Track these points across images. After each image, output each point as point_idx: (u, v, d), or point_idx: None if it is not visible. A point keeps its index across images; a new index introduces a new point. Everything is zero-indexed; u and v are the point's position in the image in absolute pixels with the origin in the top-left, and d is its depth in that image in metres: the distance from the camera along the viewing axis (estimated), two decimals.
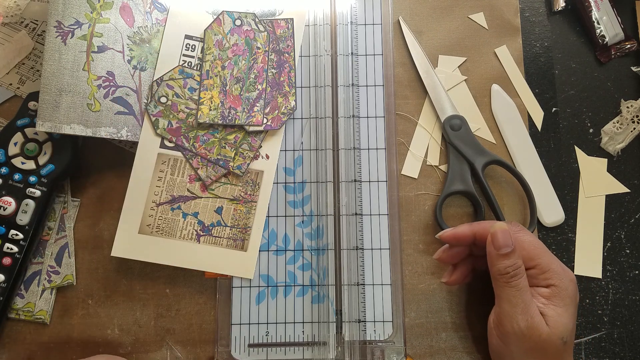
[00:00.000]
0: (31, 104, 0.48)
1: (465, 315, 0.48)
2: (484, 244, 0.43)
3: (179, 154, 0.48)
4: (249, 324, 0.47)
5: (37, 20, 0.52)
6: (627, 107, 0.52)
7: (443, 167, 0.51)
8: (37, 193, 0.47)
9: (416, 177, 0.50)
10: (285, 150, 0.50)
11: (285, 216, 0.49)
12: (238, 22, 0.49)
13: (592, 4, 0.53)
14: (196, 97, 0.48)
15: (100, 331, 0.48)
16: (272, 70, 0.49)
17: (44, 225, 0.49)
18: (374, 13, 0.52)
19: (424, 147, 0.51)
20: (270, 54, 0.49)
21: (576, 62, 0.53)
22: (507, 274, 0.41)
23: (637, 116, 0.52)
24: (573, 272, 0.49)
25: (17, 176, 0.47)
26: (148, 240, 0.47)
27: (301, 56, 0.50)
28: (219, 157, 0.48)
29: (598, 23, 0.53)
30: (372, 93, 0.50)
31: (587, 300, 0.49)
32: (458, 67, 0.52)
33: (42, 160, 0.47)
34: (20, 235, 0.46)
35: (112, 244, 0.47)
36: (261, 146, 0.49)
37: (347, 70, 0.50)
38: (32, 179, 0.47)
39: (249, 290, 0.48)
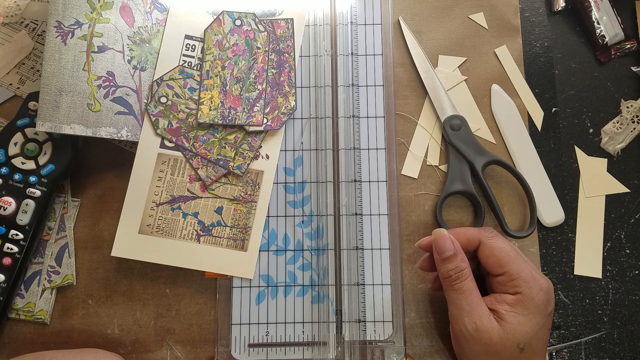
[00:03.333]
0: (31, 104, 0.48)
1: None
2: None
3: (179, 154, 0.48)
4: (249, 324, 0.47)
5: (37, 20, 0.52)
6: (627, 107, 0.52)
7: (443, 167, 0.51)
8: (37, 193, 0.47)
9: (416, 177, 0.50)
10: (285, 150, 0.50)
11: (285, 216, 0.49)
12: (238, 22, 0.49)
13: (592, 4, 0.53)
14: (196, 97, 0.48)
15: (100, 331, 0.48)
16: (272, 70, 0.49)
17: (44, 225, 0.49)
18: (374, 13, 0.52)
19: (424, 147, 0.51)
20: (270, 54, 0.49)
21: (576, 62, 0.53)
22: (449, 277, 0.42)
23: (637, 116, 0.52)
24: (573, 272, 0.49)
25: (17, 176, 0.47)
26: (148, 240, 0.47)
27: (301, 56, 0.50)
28: (219, 157, 0.48)
29: (598, 23, 0.53)
30: (372, 93, 0.50)
31: (587, 300, 0.49)
32: (458, 67, 0.52)
33: (42, 160, 0.47)
34: (21, 235, 0.46)
35: (112, 244, 0.47)
36: (261, 146, 0.49)
37: (347, 70, 0.50)
38: (32, 179, 0.47)
39: (249, 290, 0.48)
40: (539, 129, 0.52)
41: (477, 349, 0.41)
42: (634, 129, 0.52)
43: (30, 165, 0.47)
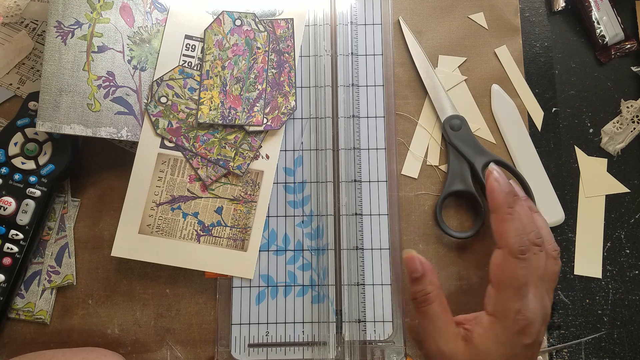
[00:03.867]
0: (31, 104, 0.48)
1: None
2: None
3: (179, 154, 0.48)
4: (249, 324, 0.47)
5: (37, 20, 0.52)
6: (627, 107, 0.52)
7: (443, 167, 0.51)
8: (37, 193, 0.47)
9: (416, 177, 0.50)
10: (285, 150, 0.50)
11: (285, 216, 0.49)
12: (238, 22, 0.49)
13: (592, 4, 0.53)
14: (196, 97, 0.48)
15: (100, 331, 0.48)
16: (272, 70, 0.49)
17: (44, 225, 0.49)
18: (374, 13, 0.52)
19: (424, 147, 0.51)
20: (270, 54, 0.49)
21: (576, 62, 0.53)
22: (415, 299, 0.42)
23: (637, 116, 0.52)
24: (573, 272, 0.49)
25: (17, 176, 0.47)
26: (148, 240, 0.47)
27: (301, 56, 0.50)
28: (219, 157, 0.48)
29: (598, 23, 0.53)
30: (372, 93, 0.50)
31: (587, 300, 0.49)
32: (458, 67, 0.52)
33: (42, 160, 0.47)
34: (21, 235, 0.46)
35: (112, 244, 0.47)
36: (261, 146, 0.49)
37: (347, 70, 0.50)
38: (32, 179, 0.47)
39: (249, 290, 0.48)
40: (539, 129, 0.52)
41: None
42: (634, 129, 0.52)
43: (30, 165, 0.47)
